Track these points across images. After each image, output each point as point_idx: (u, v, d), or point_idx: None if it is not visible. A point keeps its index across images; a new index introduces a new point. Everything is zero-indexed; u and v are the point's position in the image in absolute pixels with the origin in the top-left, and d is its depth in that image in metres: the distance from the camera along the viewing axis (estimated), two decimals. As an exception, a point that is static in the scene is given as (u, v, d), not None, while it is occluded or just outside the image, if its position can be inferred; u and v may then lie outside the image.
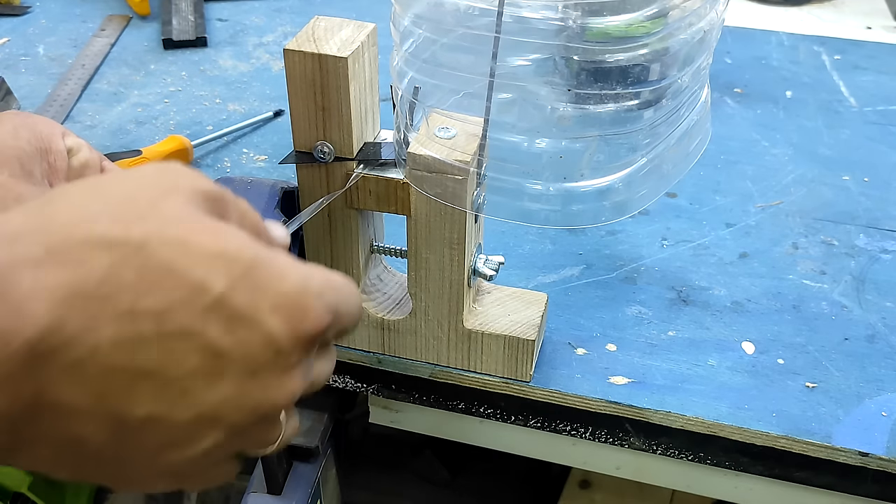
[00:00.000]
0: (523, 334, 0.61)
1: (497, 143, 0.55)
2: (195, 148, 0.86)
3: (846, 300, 0.71)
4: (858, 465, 0.60)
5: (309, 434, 0.68)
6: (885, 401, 0.63)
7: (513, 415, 0.65)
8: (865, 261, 0.75)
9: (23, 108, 0.94)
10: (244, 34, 1.10)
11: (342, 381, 0.68)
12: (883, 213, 0.81)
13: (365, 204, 0.59)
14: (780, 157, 0.89)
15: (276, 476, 0.66)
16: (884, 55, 1.08)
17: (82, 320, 0.32)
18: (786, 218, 0.80)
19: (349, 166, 0.57)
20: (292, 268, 0.37)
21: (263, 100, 0.97)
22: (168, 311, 0.33)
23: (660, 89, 0.54)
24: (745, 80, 1.01)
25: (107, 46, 1.06)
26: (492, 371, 0.63)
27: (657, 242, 0.77)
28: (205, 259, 0.34)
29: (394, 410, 0.71)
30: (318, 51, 0.53)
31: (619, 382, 0.64)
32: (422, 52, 0.55)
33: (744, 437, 0.61)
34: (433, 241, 0.58)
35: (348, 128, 0.56)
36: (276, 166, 0.86)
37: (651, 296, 0.71)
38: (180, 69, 1.03)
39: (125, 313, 0.33)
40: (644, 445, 0.64)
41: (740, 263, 0.75)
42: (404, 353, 0.65)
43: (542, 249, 0.75)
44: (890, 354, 0.66)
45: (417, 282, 0.60)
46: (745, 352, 0.66)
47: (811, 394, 0.63)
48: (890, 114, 0.96)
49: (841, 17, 1.18)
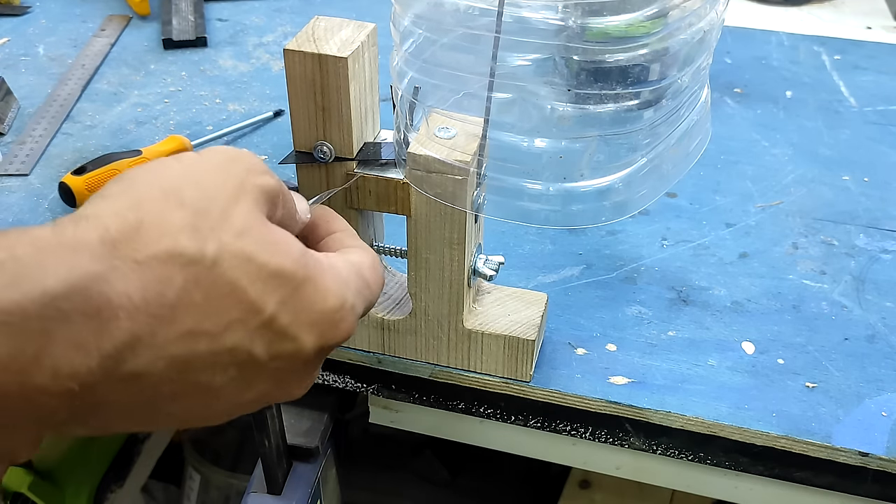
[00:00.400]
0: (523, 334, 0.61)
1: (497, 143, 0.55)
2: (195, 148, 0.86)
3: (846, 300, 0.71)
4: (858, 465, 0.60)
5: (309, 434, 0.68)
6: (885, 401, 0.63)
7: (513, 415, 0.65)
8: (865, 261, 0.75)
9: (23, 108, 0.94)
10: (244, 34, 1.10)
11: (342, 381, 0.68)
12: (883, 213, 0.81)
13: (365, 204, 0.59)
14: (780, 157, 0.89)
15: (276, 476, 0.66)
16: (884, 55, 1.08)
17: (149, 338, 0.35)
18: (786, 218, 0.80)
19: (349, 166, 0.57)
20: (334, 283, 0.41)
21: (263, 100, 0.97)
22: (224, 331, 0.37)
23: (660, 89, 0.54)
24: (745, 80, 1.01)
25: (107, 46, 1.06)
26: (492, 371, 0.63)
27: (657, 242, 0.77)
28: (263, 278, 0.38)
29: (394, 410, 0.71)
30: (318, 51, 0.53)
31: (619, 382, 0.64)
32: (422, 52, 0.55)
33: (744, 437, 0.61)
34: (433, 241, 0.58)
35: (348, 128, 0.56)
36: (276, 166, 0.86)
37: (651, 296, 0.71)
38: (180, 69, 1.03)
39: (187, 334, 0.36)
40: (644, 445, 0.64)
41: (740, 263, 0.75)
42: (404, 353, 0.65)
43: (542, 249, 0.75)
44: (890, 354, 0.66)
45: (417, 282, 0.60)
46: (745, 352, 0.66)
47: (811, 394, 0.63)
48: (890, 114, 0.96)
49: (841, 17, 1.18)
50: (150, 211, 0.36)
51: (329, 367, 0.68)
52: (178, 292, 0.35)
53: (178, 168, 0.39)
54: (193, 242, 0.36)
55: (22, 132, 0.90)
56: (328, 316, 0.40)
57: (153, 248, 0.35)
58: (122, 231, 0.35)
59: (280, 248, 0.39)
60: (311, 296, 0.39)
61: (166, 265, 0.35)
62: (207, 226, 0.37)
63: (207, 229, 0.37)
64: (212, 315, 0.36)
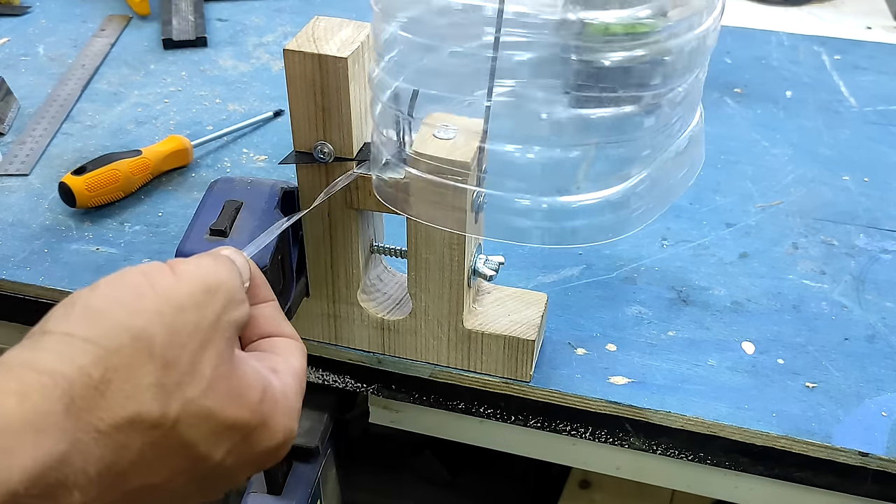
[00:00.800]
0: (523, 334, 0.61)
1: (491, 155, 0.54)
2: (195, 148, 0.86)
3: (846, 300, 0.71)
4: (858, 465, 0.60)
5: (309, 434, 0.68)
6: (885, 401, 0.63)
7: (513, 415, 0.65)
8: (865, 261, 0.75)
9: (23, 108, 0.94)
10: (244, 34, 1.10)
11: (342, 381, 0.68)
12: (883, 213, 0.81)
13: (365, 204, 0.59)
14: (780, 157, 0.89)
15: (276, 476, 0.66)
16: (884, 55, 1.08)
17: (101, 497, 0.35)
18: (786, 218, 0.80)
19: (349, 166, 0.57)
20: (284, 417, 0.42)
21: (263, 100, 0.97)
22: (168, 481, 0.38)
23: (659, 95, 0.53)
24: (745, 80, 1.01)
25: (107, 46, 1.06)
26: (492, 371, 0.63)
27: (657, 242, 0.77)
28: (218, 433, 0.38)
29: (394, 410, 0.71)
30: (318, 51, 0.53)
31: (619, 382, 0.64)
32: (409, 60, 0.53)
33: (744, 437, 0.61)
34: (433, 241, 0.58)
35: (348, 128, 0.56)
36: (276, 166, 0.86)
37: (651, 296, 0.71)
38: (180, 69, 1.03)
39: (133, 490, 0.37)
40: (644, 445, 0.64)
41: (740, 263, 0.75)
42: (404, 353, 0.65)
43: (542, 249, 0.75)
44: (890, 354, 0.66)
45: (417, 282, 0.60)
46: (745, 352, 0.66)
47: (811, 394, 0.63)
48: (890, 114, 0.96)
49: (841, 17, 1.18)
50: (118, 367, 0.35)
51: (329, 367, 0.68)
52: (134, 456, 0.36)
53: (152, 301, 0.37)
54: (157, 405, 0.36)
55: (22, 132, 0.90)
56: (272, 452, 0.42)
57: (117, 414, 0.35)
58: (86, 398, 0.34)
59: (241, 400, 0.39)
60: (260, 437, 0.41)
61: (128, 432, 0.35)
62: (174, 381, 0.37)
63: (174, 385, 0.36)
64: (160, 469, 0.37)
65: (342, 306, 0.64)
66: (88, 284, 0.39)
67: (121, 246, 0.75)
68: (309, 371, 0.69)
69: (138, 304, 0.37)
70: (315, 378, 0.69)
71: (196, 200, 0.79)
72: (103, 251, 0.75)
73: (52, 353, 0.35)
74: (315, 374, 0.69)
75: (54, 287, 0.71)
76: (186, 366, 0.37)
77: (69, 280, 0.71)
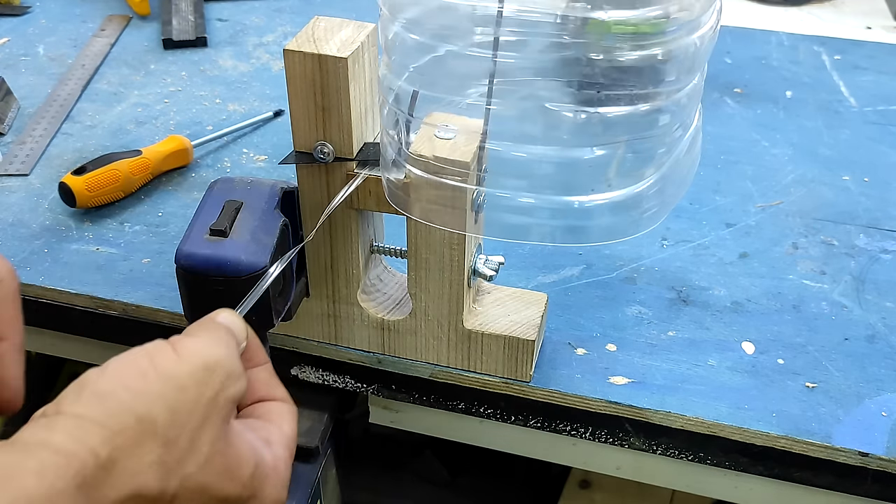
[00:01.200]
0: (523, 334, 0.61)
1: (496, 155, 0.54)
2: (195, 148, 0.86)
3: (846, 300, 0.71)
4: (858, 465, 0.60)
5: (309, 434, 0.68)
6: (885, 401, 0.63)
7: (513, 415, 0.65)
8: (865, 261, 0.75)
9: (23, 108, 0.94)
10: (244, 34, 1.10)
11: (342, 381, 0.68)
12: (883, 213, 0.81)
13: (365, 204, 0.59)
14: (780, 157, 0.89)
15: (276, 476, 0.66)
16: (884, 55, 1.08)
17: None
18: (786, 218, 0.80)
19: (349, 166, 0.57)
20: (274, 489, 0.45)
21: (263, 100, 0.97)
22: None
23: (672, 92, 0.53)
24: (745, 80, 1.01)
25: (107, 46, 1.06)
26: (492, 371, 0.63)
27: (657, 242, 0.77)
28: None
29: (394, 410, 0.71)
30: (318, 51, 0.53)
31: (619, 382, 0.64)
32: (412, 59, 0.53)
33: (744, 437, 0.61)
34: (433, 241, 0.58)
35: (348, 128, 0.56)
36: (276, 166, 0.86)
37: (651, 296, 0.71)
38: (180, 69, 1.03)
39: None
40: (644, 445, 0.64)
41: (740, 263, 0.75)
42: (404, 353, 0.65)
43: (542, 249, 0.75)
44: (890, 354, 0.66)
45: (417, 282, 0.60)
46: (745, 352, 0.66)
47: (811, 394, 0.63)
48: (890, 114, 0.96)
49: (841, 17, 1.18)
50: (124, 447, 0.38)
51: (329, 368, 0.68)
52: None
53: (155, 382, 0.41)
54: (158, 482, 0.39)
55: (22, 132, 0.90)
56: None
57: (123, 489, 0.38)
58: (95, 476, 0.37)
59: (234, 474, 0.42)
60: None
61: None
62: (175, 459, 0.40)
63: (174, 463, 0.40)
64: None
65: (342, 306, 0.64)
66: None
67: (121, 246, 0.75)
68: (309, 371, 0.69)
69: (142, 386, 0.40)
70: (315, 378, 0.69)
71: (196, 200, 0.79)
72: (103, 251, 0.75)
73: (65, 433, 0.38)
74: (315, 374, 0.69)
75: (54, 287, 0.71)
76: (186, 443, 0.40)
77: (69, 280, 0.71)
